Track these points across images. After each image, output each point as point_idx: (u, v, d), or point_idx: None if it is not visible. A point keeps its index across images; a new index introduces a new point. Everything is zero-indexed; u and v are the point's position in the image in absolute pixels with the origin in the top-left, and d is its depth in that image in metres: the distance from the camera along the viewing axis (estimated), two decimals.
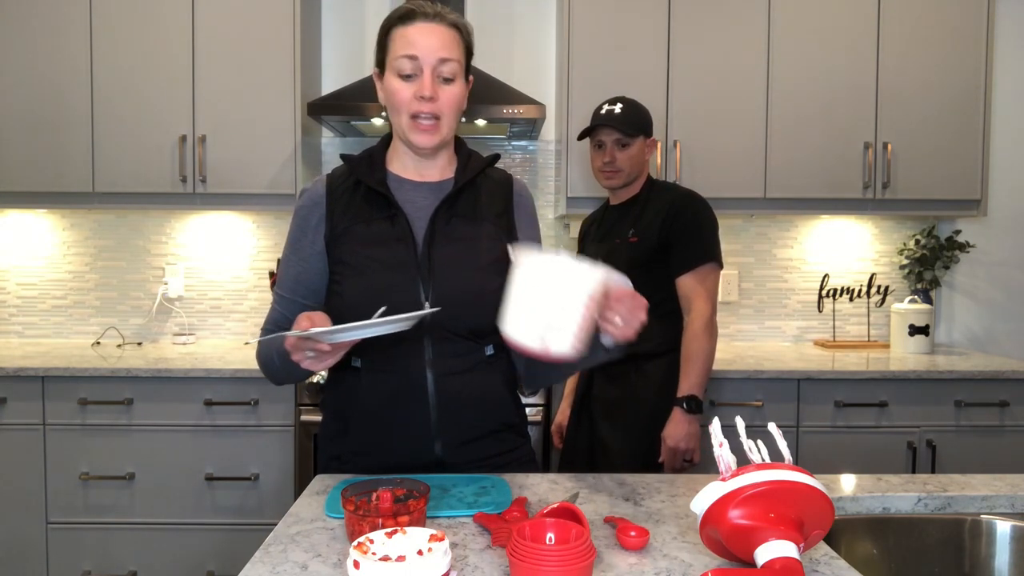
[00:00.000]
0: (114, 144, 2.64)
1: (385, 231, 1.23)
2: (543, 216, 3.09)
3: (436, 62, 1.19)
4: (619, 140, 2.08)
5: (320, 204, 1.27)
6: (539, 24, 3.05)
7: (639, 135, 2.09)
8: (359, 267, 1.22)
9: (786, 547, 0.78)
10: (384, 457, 1.23)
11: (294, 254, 1.28)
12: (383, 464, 1.22)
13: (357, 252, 1.23)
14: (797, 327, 3.11)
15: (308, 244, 1.26)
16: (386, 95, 1.24)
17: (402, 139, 1.25)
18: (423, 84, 1.19)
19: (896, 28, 2.69)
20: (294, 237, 1.28)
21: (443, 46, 1.19)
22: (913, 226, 3.09)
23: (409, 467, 1.22)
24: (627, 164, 2.09)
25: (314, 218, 1.26)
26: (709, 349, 1.97)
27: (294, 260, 1.28)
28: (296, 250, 1.28)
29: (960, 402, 2.46)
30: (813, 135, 2.70)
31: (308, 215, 1.27)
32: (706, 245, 2.02)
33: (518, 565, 0.76)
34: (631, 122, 2.08)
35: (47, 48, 2.62)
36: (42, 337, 3.03)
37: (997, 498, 1.16)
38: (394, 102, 1.21)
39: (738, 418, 0.91)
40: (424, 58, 1.18)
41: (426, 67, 1.19)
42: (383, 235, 1.23)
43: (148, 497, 2.40)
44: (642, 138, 2.11)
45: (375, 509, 0.92)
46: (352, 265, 1.22)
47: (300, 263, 1.27)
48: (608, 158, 2.10)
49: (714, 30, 2.67)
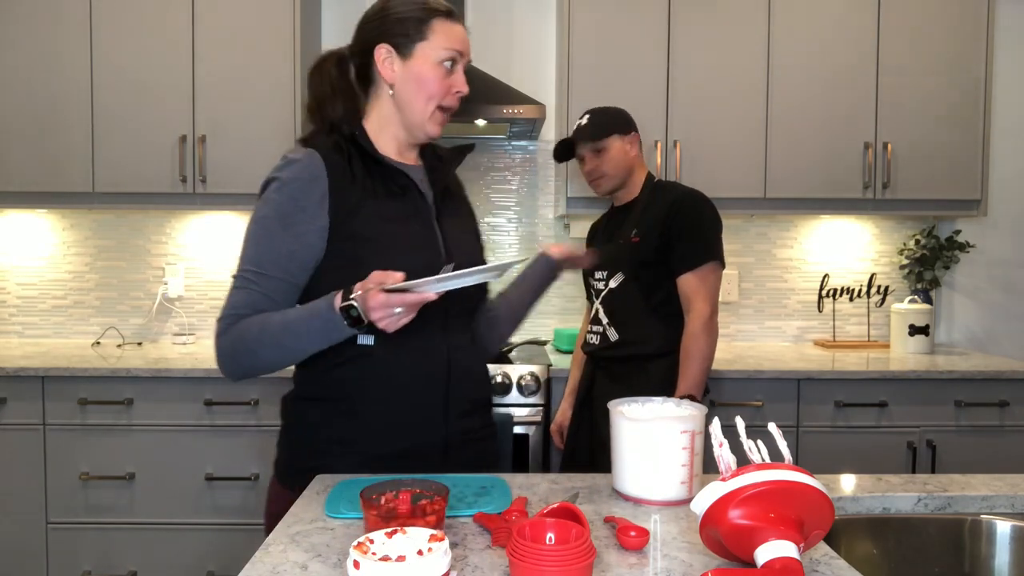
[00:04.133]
0: (114, 144, 2.64)
1: (398, 207, 1.25)
2: (543, 216, 3.10)
3: (466, 63, 1.29)
4: (592, 147, 2.11)
5: (321, 179, 1.19)
6: (539, 24, 3.05)
7: (610, 135, 2.09)
8: (383, 242, 1.21)
9: (786, 547, 0.78)
10: (394, 436, 1.23)
11: (285, 230, 1.18)
12: (391, 445, 1.22)
13: (378, 227, 1.21)
14: (797, 327, 3.11)
15: (306, 219, 1.18)
16: (413, 79, 1.24)
17: (409, 123, 1.27)
18: (461, 80, 1.26)
19: (896, 28, 2.69)
20: (284, 211, 1.18)
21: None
22: (913, 226, 3.09)
23: (418, 446, 1.24)
24: (609, 167, 2.11)
25: (316, 193, 1.18)
26: (708, 349, 1.97)
27: (285, 236, 1.18)
28: (288, 225, 1.18)
29: (960, 402, 2.46)
30: (813, 135, 2.70)
31: (307, 189, 1.18)
32: (707, 244, 2.02)
33: (518, 565, 0.76)
34: (597, 126, 2.10)
35: (47, 48, 2.62)
36: (42, 337, 3.03)
37: (997, 498, 1.16)
38: (428, 89, 1.24)
39: (738, 418, 0.91)
40: (465, 57, 1.28)
41: (461, 66, 1.28)
42: (398, 211, 1.25)
43: (148, 497, 2.40)
44: (615, 137, 2.10)
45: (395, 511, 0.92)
46: (373, 239, 1.20)
47: (294, 239, 1.18)
48: (589, 167, 2.13)
49: (714, 30, 2.67)
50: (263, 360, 1.18)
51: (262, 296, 1.18)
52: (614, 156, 2.10)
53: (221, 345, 1.19)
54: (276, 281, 1.18)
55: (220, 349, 1.19)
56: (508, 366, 2.44)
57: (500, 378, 2.41)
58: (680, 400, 1.17)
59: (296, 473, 1.22)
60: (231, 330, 1.17)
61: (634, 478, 1.09)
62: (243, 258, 1.20)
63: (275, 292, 1.18)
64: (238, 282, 1.20)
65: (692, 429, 1.07)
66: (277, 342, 1.15)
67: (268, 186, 1.21)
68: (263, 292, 1.18)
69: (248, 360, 1.18)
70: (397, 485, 0.98)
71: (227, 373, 1.21)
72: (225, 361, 1.20)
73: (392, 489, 0.96)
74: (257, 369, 1.19)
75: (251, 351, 1.17)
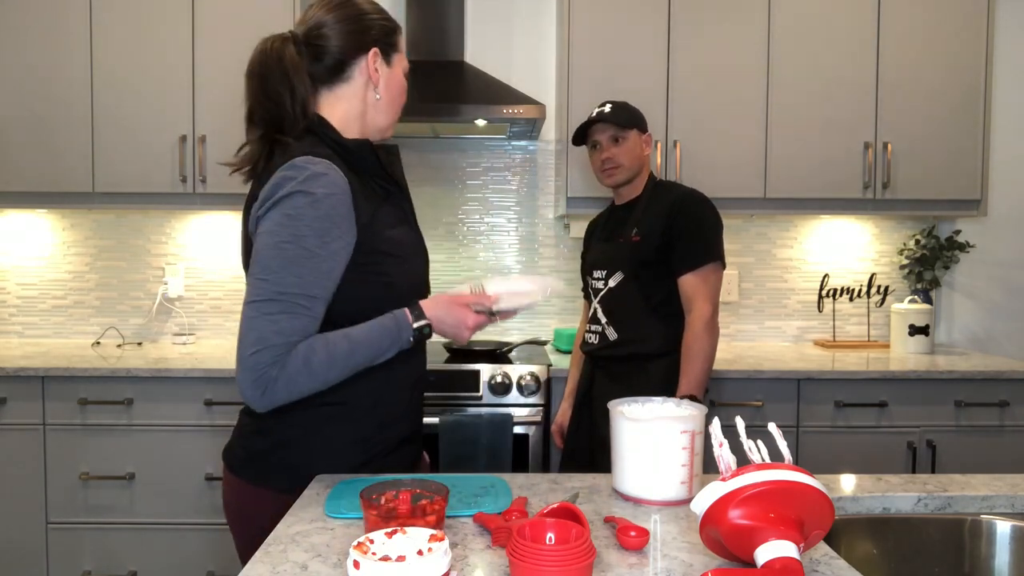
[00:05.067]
0: (114, 144, 2.64)
1: (393, 212, 1.28)
2: (543, 216, 3.10)
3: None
4: (613, 135, 2.08)
5: (347, 193, 1.15)
6: (539, 24, 3.05)
7: (632, 128, 2.09)
8: (398, 252, 1.23)
9: (786, 547, 0.78)
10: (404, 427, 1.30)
11: (324, 248, 1.12)
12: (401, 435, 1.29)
13: (390, 238, 1.22)
14: (797, 327, 3.11)
15: (340, 236, 1.13)
16: (395, 85, 1.32)
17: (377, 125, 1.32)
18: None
19: (896, 28, 2.69)
20: (322, 228, 1.11)
21: None
22: (913, 226, 3.09)
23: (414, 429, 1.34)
24: (625, 158, 2.08)
25: (345, 208, 1.14)
26: (709, 349, 1.96)
27: (325, 255, 1.12)
28: (326, 243, 1.12)
29: (960, 402, 2.46)
30: (813, 135, 2.70)
31: (340, 205, 1.13)
32: (708, 244, 2.01)
33: (518, 565, 0.76)
34: (622, 116, 2.08)
35: (47, 48, 2.62)
36: (42, 337, 3.03)
37: (997, 498, 1.16)
38: (402, 96, 1.35)
39: (738, 418, 0.91)
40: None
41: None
42: (395, 216, 1.28)
43: (148, 497, 2.40)
44: (636, 131, 2.10)
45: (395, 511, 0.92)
46: (389, 252, 1.22)
47: (331, 257, 1.13)
48: (606, 155, 2.10)
49: (714, 30, 2.67)
50: (327, 382, 1.14)
51: (312, 320, 1.12)
52: (632, 148, 2.09)
53: (275, 376, 1.09)
54: (322, 303, 1.14)
55: (273, 380, 1.09)
56: (508, 366, 2.44)
57: (500, 378, 2.41)
58: (680, 400, 1.17)
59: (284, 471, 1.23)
60: (287, 358, 1.10)
61: (634, 478, 1.09)
62: (278, 280, 1.10)
63: (321, 314, 1.14)
64: (279, 307, 1.10)
65: (692, 429, 1.07)
66: (346, 363, 1.14)
67: (291, 198, 1.12)
68: (313, 316, 1.12)
69: (311, 386, 1.12)
70: (397, 485, 0.98)
71: (270, 403, 1.12)
72: (279, 391, 1.11)
73: (392, 489, 0.97)
74: (312, 392, 1.14)
75: (319, 375, 1.12)
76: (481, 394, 2.42)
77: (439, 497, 0.95)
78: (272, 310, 1.09)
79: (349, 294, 1.17)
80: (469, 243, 3.09)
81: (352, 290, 1.17)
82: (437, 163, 3.06)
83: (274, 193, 1.13)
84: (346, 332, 1.16)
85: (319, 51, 1.25)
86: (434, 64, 2.78)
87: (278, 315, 1.09)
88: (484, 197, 3.09)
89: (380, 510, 0.92)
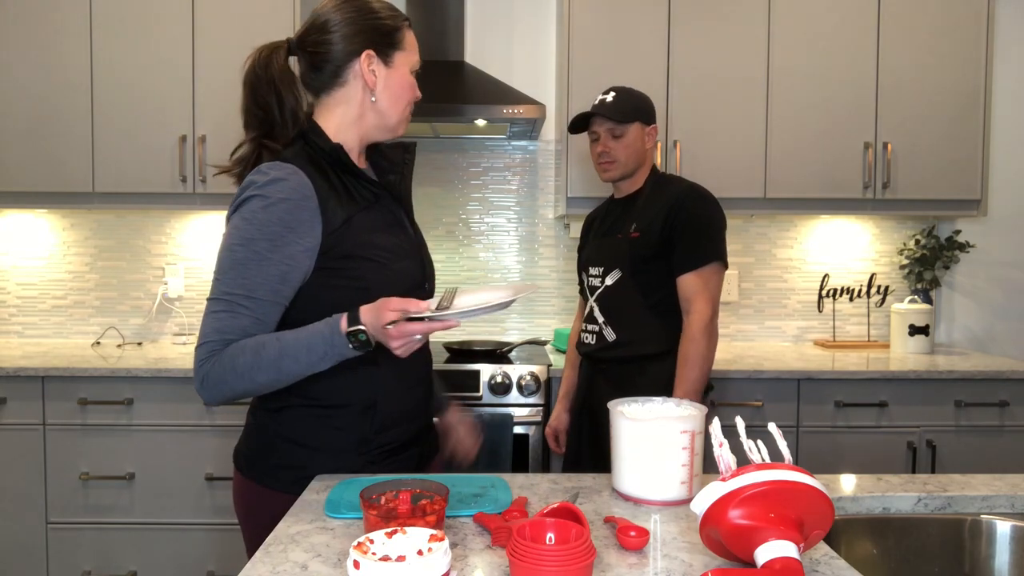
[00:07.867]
0: (114, 144, 2.64)
1: (379, 217, 1.26)
2: (543, 216, 3.10)
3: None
4: (612, 130, 2.00)
5: (311, 198, 1.16)
6: (539, 24, 3.05)
7: (633, 122, 2.00)
8: (377, 258, 1.21)
9: (786, 547, 0.78)
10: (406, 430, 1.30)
11: (275, 252, 1.13)
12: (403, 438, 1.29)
13: (368, 243, 1.21)
14: (797, 327, 3.11)
15: (296, 240, 1.14)
16: (396, 86, 1.28)
17: (383, 125, 1.30)
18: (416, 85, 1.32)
19: (896, 28, 2.69)
20: (273, 232, 1.13)
21: None
22: (913, 226, 3.09)
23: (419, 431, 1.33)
24: (622, 154, 2.00)
25: (306, 213, 1.15)
26: (707, 352, 1.89)
27: (275, 259, 1.13)
28: (278, 247, 1.13)
29: (960, 402, 2.46)
30: (813, 135, 2.70)
31: (297, 210, 1.14)
32: (710, 243, 1.93)
33: (518, 565, 0.76)
34: (622, 109, 1.99)
35: (47, 48, 2.62)
36: (42, 337, 3.03)
37: (997, 498, 1.16)
38: (407, 95, 1.31)
39: (738, 418, 0.91)
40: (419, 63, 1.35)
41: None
42: (381, 221, 1.26)
43: (148, 497, 2.40)
44: (638, 125, 2.01)
45: (395, 511, 0.92)
46: (369, 255, 1.20)
47: (285, 261, 1.14)
48: (602, 148, 2.02)
49: (714, 30, 2.67)
50: (257, 384, 1.14)
51: (253, 321, 1.14)
52: (631, 144, 2.00)
53: (208, 371, 1.13)
54: (267, 305, 1.15)
55: (206, 375, 1.13)
56: (508, 366, 2.44)
57: (500, 378, 2.41)
58: (680, 400, 1.17)
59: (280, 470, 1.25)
60: (219, 356, 1.12)
61: (634, 478, 1.09)
62: (226, 281, 1.14)
63: (265, 315, 1.15)
64: (223, 306, 1.13)
65: (692, 429, 1.07)
66: (276, 366, 1.12)
67: (248, 202, 1.15)
68: (254, 316, 1.14)
69: (240, 385, 1.13)
70: (397, 485, 0.98)
71: (210, 398, 1.16)
72: (212, 388, 1.14)
73: (392, 489, 0.97)
74: (248, 393, 1.16)
75: (245, 376, 1.12)
76: (481, 394, 2.42)
77: (439, 497, 0.95)
78: (216, 308, 1.14)
79: (317, 298, 1.18)
80: (469, 243, 3.09)
81: (320, 294, 1.18)
82: (437, 163, 3.06)
83: (237, 197, 1.18)
84: (280, 335, 1.13)
85: (316, 58, 1.26)
86: (434, 64, 2.78)
87: (220, 313, 1.14)
88: (484, 197, 3.09)
89: (380, 510, 0.92)
